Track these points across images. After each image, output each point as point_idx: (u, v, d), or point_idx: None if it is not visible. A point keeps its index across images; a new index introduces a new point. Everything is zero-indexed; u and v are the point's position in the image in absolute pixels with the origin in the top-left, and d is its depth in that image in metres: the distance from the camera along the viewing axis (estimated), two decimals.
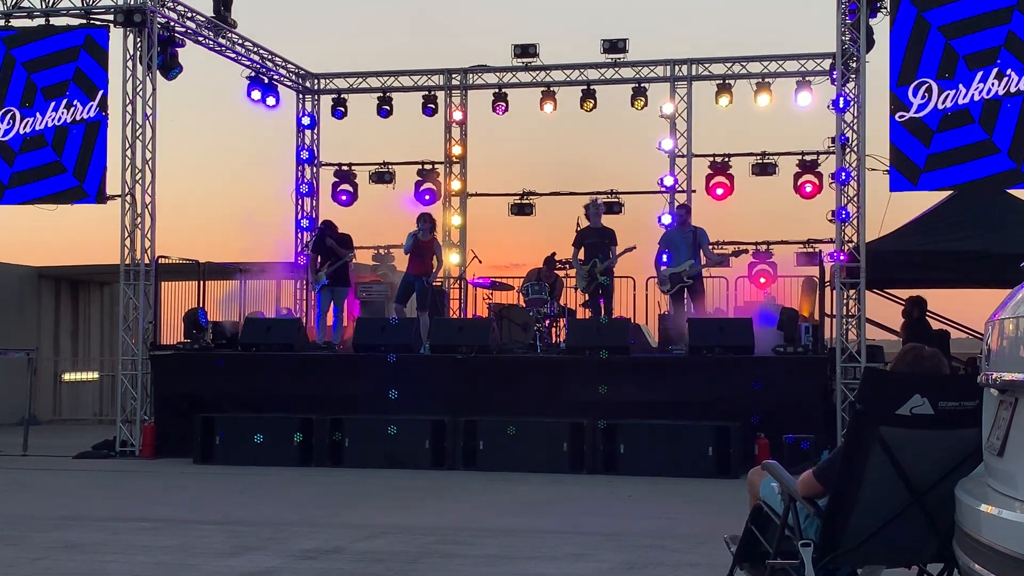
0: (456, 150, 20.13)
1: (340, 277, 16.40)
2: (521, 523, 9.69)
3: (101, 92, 15.64)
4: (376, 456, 13.60)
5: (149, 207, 15.60)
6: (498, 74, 19.80)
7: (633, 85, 18.99)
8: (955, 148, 13.87)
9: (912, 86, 13.91)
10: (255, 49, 18.80)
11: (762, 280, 17.90)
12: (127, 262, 15.46)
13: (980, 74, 13.74)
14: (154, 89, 15.71)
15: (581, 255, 15.89)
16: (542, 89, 19.37)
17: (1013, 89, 13.70)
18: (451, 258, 19.56)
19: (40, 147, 15.81)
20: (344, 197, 20.15)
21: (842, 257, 14.30)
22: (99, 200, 15.68)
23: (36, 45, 15.85)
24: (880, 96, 14.17)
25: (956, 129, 13.83)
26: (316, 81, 20.69)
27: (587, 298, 16.12)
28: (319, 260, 16.59)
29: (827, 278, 14.97)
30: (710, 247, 15.94)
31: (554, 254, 16.61)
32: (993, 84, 13.72)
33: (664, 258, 15.61)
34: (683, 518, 10.04)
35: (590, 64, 19.22)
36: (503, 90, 19.53)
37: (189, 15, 16.91)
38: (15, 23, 16.04)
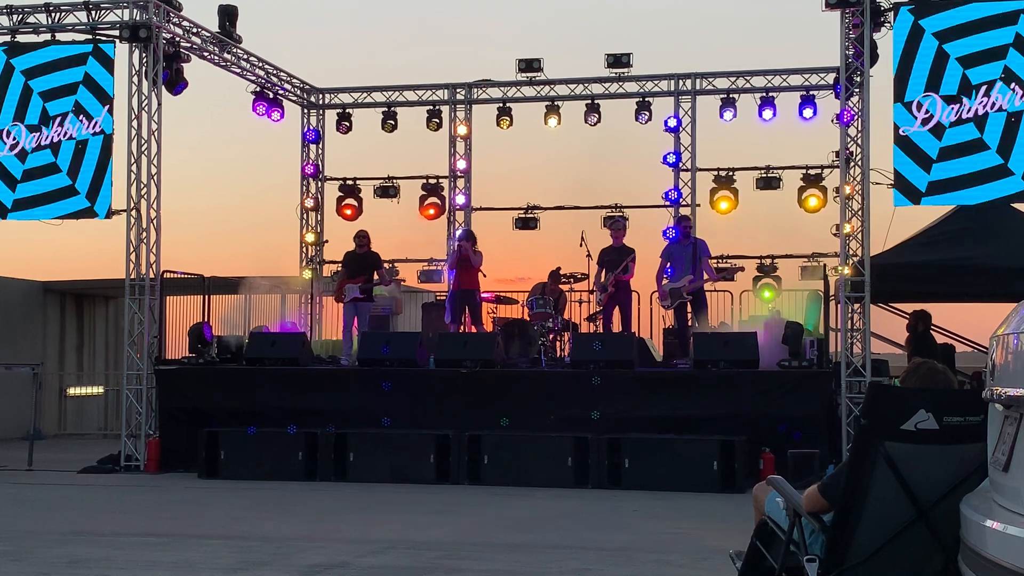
0: (460, 164, 20.16)
1: (367, 294, 16.43)
2: (526, 538, 9.67)
3: (106, 107, 15.69)
4: (380, 470, 13.59)
5: (154, 222, 15.64)
6: (502, 88, 19.84)
7: (637, 99, 19.04)
8: (959, 161, 13.88)
9: (915, 100, 13.93)
10: (260, 64, 18.85)
11: (766, 294, 17.89)
12: (132, 276, 15.49)
13: (984, 87, 13.76)
14: (159, 104, 15.77)
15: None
16: (546, 103, 19.40)
17: (1017, 103, 13.71)
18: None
19: (46, 162, 15.84)
20: (349, 211, 20.18)
21: (846, 271, 14.30)
22: (105, 215, 15.72)
23: (42, 61, 15.90)
24: (884, 110, 14.22)
25: (960, 142, 13.85)
26: (321, 96, 20.74)
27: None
28: (347, 275, 16.56)
29: (832, 292, 14.96)
30: (710, 261, 15.92)
31: (559, 268, 16.62)
32: (997, 98, 13.74)
33: (668, 270, 15.61)
34: (688, 533, 10.02)
35: (594, 79, 19.25)
36: (507, 104, 19.55)
37: (194, 30, 16.95)
38: (21, 39, 16.10)
